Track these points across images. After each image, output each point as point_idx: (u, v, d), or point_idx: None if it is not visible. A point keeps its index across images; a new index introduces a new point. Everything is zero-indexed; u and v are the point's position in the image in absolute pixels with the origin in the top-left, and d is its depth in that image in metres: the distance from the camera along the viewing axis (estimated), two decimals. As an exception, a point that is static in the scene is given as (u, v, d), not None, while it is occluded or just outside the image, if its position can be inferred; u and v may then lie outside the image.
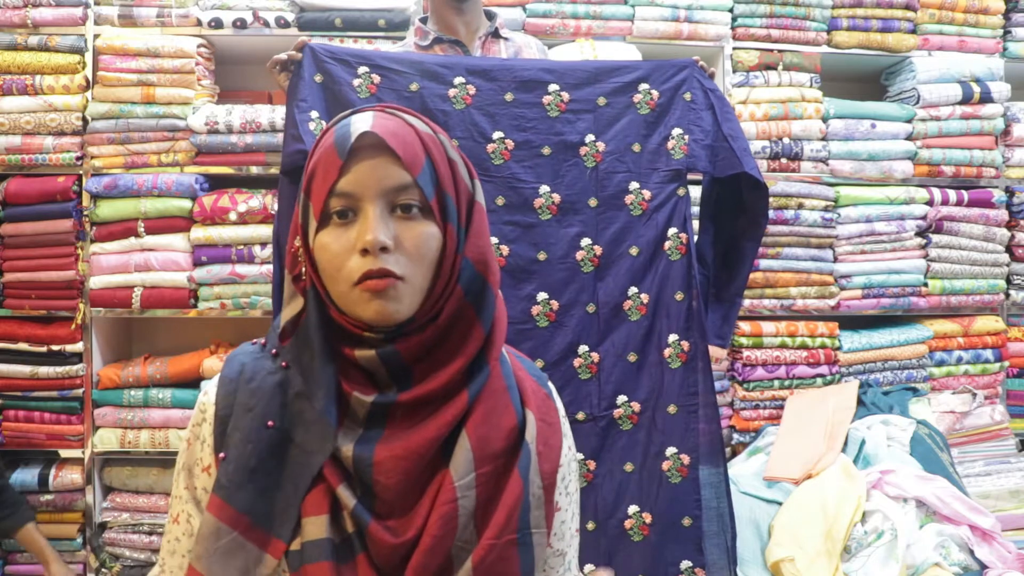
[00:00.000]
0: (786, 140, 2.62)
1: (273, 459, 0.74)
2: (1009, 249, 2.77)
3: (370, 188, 0.72)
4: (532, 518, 0.76)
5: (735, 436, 2.56)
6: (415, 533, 0.71)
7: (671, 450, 1.73)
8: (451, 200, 0.76)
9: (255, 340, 0.84)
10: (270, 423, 0.74)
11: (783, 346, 2.57)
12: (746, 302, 2.58)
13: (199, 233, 2.40)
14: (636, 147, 1.78)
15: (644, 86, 1.79)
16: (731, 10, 2.64)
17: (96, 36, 2.42)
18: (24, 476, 2.40)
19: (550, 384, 0.88)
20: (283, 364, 0.77)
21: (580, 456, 1.70)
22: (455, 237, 0.75)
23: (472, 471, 0.73)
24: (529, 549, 0.75)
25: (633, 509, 1.73)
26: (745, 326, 2.55)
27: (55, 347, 2.39)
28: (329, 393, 0.74)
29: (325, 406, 0.73)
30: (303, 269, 0.77)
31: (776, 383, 2.56)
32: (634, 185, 1.77)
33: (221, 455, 0.75)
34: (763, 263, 2.59)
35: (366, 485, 0.72)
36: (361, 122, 0.74)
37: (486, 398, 0.76)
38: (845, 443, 2.20)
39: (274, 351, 0.80)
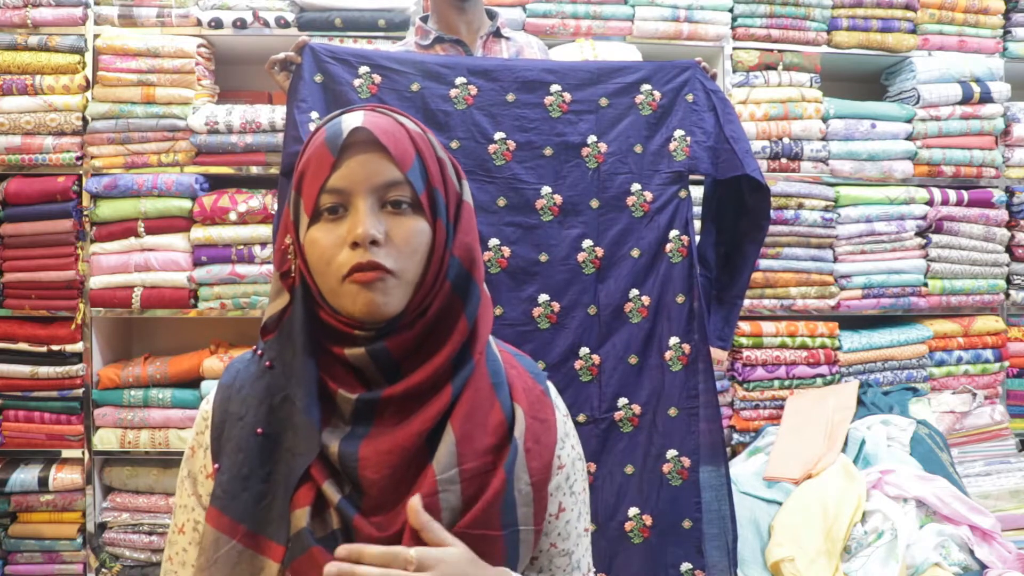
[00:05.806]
0: (786, 140, 2.62)
1: (264, 466, 0.74)
2: (1009, 249, 2.77)
3: (361, 184, 0.73)
4: (520, 515, 0.75)
5: (735, 436, 2.56)
6: (400, 527, 0.71)
7: (671, 453, 1.73)
8: (440, 196, 0.76)
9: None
10: (259, 430, 0.75)
11: (783, 346, 2.57)
12: (746, 302, 2.58)
13: (199, 233, 2.40)
14: (638, 148, 1.77)
15: (646, 87, 1.78)
16: (731, 10, 2.64)
17: (96, 36, 2.42)
18: (24, 476, 2.40)
19: (548, 383, 0.87)
20: (267, 364, 0.78)
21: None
22: (444, 232, 0.76)
23: (455, 466, 0.72)
24: (515, 547, 0.75)
25: (633, 511, 1.72)
26: (745, 326, 2.56)
27: (55, 347, 2.39)
28: (311, 391, 0.74)
29: (307, 405, 0.73)
30: (292, 266, 0.78)
31: (776, 383, 2.56)
32: (636, 187, 1.77)
33: (215, 465, 0.76)
34: (763, 263, 2.59)
35: (353, 481, 0.73)
36: (352, 119, 0.75)
37: (471, 393, 0.76)
38: (845, 443, 2.20)
39: (259, 351, 0.80)
